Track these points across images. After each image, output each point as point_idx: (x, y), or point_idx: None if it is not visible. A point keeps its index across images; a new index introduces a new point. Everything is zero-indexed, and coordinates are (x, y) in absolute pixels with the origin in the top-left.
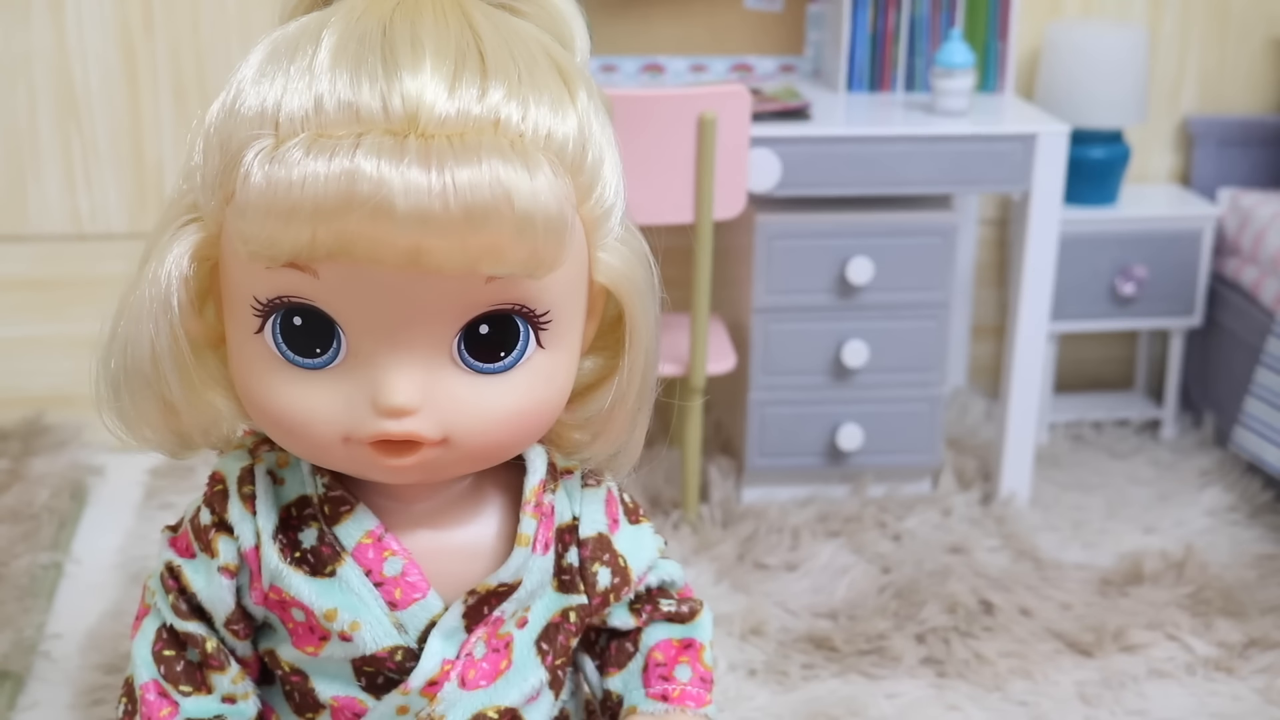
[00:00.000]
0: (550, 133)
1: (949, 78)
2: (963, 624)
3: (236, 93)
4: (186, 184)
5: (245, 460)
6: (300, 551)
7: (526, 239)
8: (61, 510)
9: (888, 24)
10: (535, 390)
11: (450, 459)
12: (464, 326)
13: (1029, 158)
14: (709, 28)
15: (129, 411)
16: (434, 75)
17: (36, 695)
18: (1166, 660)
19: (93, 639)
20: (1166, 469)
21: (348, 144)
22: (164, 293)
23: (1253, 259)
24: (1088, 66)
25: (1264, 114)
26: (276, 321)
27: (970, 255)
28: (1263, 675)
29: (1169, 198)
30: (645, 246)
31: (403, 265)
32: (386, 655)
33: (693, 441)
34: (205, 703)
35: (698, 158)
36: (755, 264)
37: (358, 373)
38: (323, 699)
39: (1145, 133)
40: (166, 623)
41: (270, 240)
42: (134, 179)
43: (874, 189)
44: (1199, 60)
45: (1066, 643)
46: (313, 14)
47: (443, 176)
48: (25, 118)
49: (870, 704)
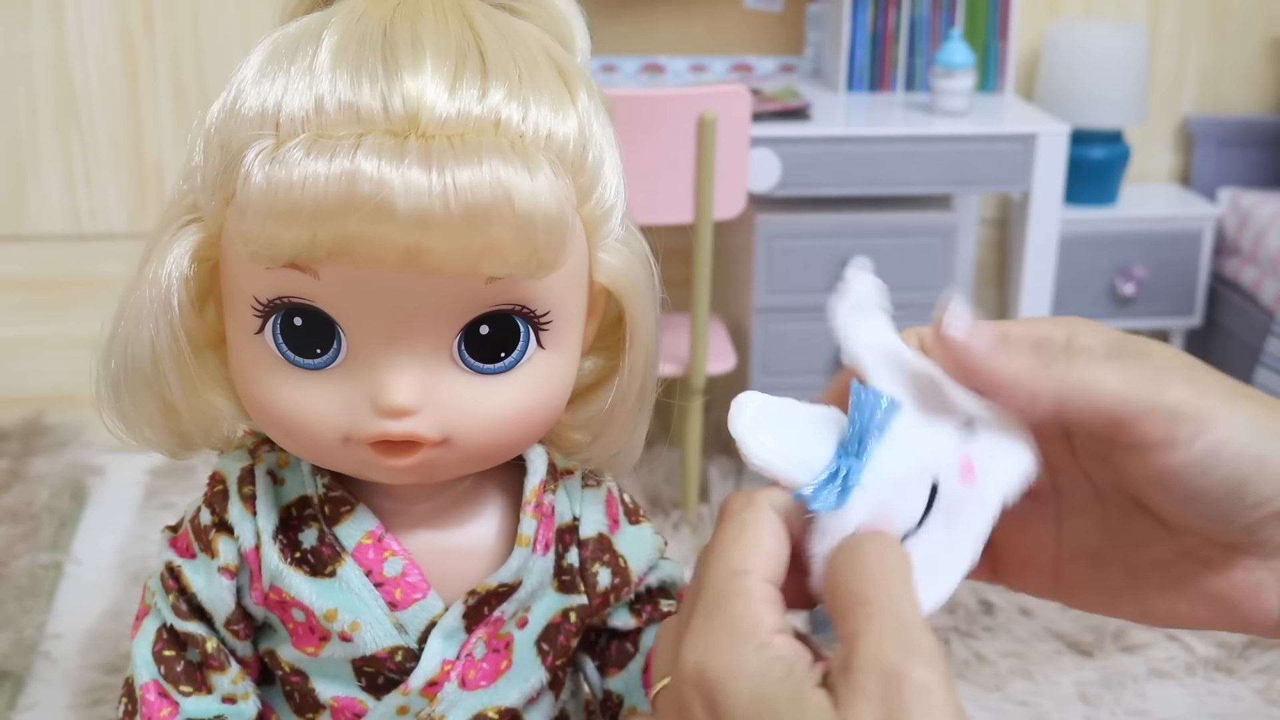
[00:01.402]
0: (551, 133)
1: (949, 78)
2: (963, 624)
3: (237, 93)
4: (187, 184)
5: (245, 460)
6: (300, 552)
7: (527, 239)
8: (61, 510)
9: (888, 24)
10: (536, 391)
11: (451, 459)
12: (464, 327)
13: (1029, 158)
14: (709, 28)
15: (129, 412)
16: (434, 76)
17: (36, 695)
18: (1166, 660)
19: (93, 639)
20: None
21: (348, 144)
22: (164, 293)
23: (1253, 259)
24: (1088, 66)
25: (1264, 114)
26: (277, 322)
27: (970, 255)
28: (1263, 675)
29: (1169, 198)
30: (646, 247)
31: (403, 266)
32: (387, 655)
33: (693, 441)
34: (205, 703)
35: (698, 158)
36: (755, 264)
37: (358, 373)
38: (323, 699)
39: (1145, 133)
40: (167, 623)
41: (271, 240)
42: (134, 179)
43: (874, 189)
44: (1199, 60)
45: (1066, 643)
46: (313, 14)
47: (443, 177)
48: (25, 118)
49: None
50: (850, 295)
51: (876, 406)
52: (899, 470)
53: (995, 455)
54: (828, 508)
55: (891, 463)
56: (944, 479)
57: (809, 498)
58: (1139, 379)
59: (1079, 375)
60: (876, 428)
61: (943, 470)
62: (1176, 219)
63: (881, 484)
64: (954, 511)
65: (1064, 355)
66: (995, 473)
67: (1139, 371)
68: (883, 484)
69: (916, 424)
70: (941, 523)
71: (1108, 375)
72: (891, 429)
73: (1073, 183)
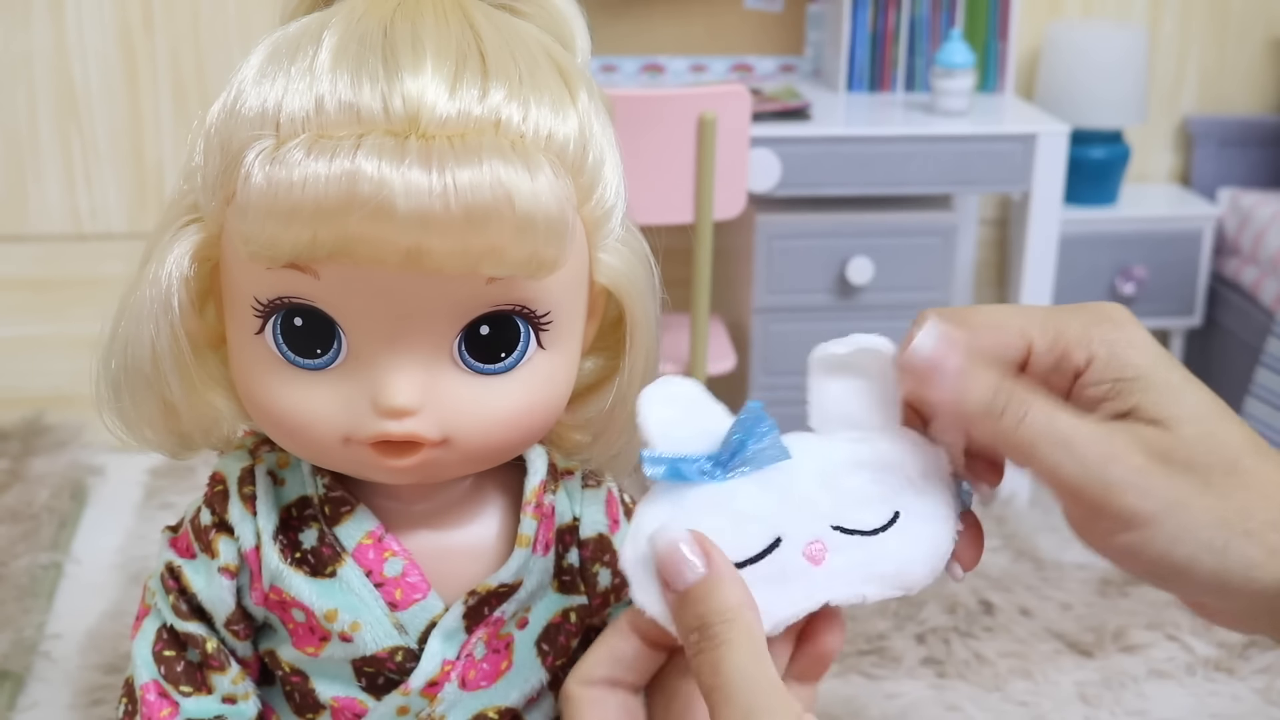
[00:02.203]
0: (551, 134)
1: (949, 78)
2: (963, 624)
3: (237, 93)
4: (187, 184)
5: (246, 460)
6: (300, 552)
7: (527, 240)
8: (61, 510)
9: (888, 24)
10: (536, 391)
11: (451, 460)
12: (464, 327)
13: (1029, 158)
14: (709, 28)
15: (129, 412)
16: (435, 76)
17: (36, 695)
18: (1166, 660)
19: (93, 639)
20: None
21: (348, 145)
22: (164, 293)
23: (1253, 259)
24: (1088, 66)
25: (1264, 114)
26: (277, 322)
27: (970, 255)
28: (1263, 675)
29: (1169, 198)
30: (646, 247)
31: (403, 266)
32: (387, 656)
33: None
34: (205, 703)
35: (698, 158)
36: (755, 264)
37: (358, 373)
38: (323, 699)
39: (1145, 133)
40: (167, 623)
41: (271, 241)
42: (134, 179)
43: (874, 189)
44: (1199, 60)
45: (1066, 643)
46: (313, 14)
47: (444, 177)
48: (25, 118)
49: (870, 704)
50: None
51: (758, 435)
52: (746, 506)
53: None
54: (656, 477)
55: (743, 496)
56: (788, 543)
57: (646, 460)
58: (1078, 462)
59: (1022, 436)
60: (751, 456)
61: (791, 536)
62: (1176, 219)
63: (720, 506)
64: (784, 575)
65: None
66: (847, 574)
67: (1086, 452)
68: (720, 507)
69: (801, 483)
70: (767, 574)
71: (1050, 449)
72: (771, 469)
73: (1073, 183)
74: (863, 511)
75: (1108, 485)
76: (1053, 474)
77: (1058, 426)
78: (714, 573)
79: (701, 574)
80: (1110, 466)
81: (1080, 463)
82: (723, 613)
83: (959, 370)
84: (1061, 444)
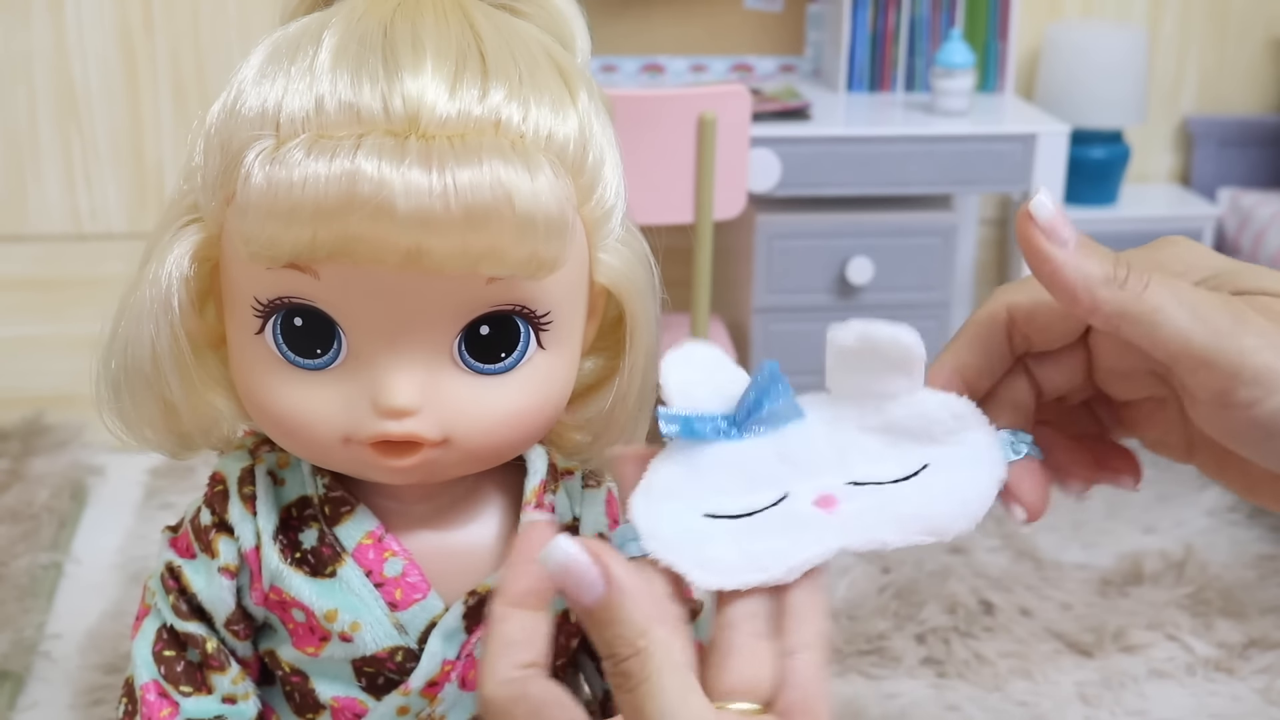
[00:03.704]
0: (551, 134)
1: (949, 78)
2: (963, 624)
3: (237, 93)
4: (187, 184)
5: (246, 460)
6: (301, 552)
7: (527, 240)
8: (61, 510)
9: (888, 24)
10: (536, 391)
11: (451, 460)
12: (464, 327)
13: (1029, 158)
14: (709, 28)
15: (129, 412)
16: (435, 76)
17: (36, 695)
18: (1166, 661)
19: (93, 639)
20: (1166, 469)
21: (348, 145)
22: (164, 293)
23: (1253, 259)
24: (1088, 67)
25: (1264, 114)
26: (277, 322)
27: (970, 255)
28: (1263, 675)
29: (1169, 198)
30: (646, 247)
31: (403, 266)
32: (387, 656)
33: None
34: (205, 703)
35: (698, 158)
36: (755, 264)
37: (358, 373)
38: (323, 699)
39: (1145, 133)
40: (167, 623)
41: (271, 241)
42: (134, 179)
43: (874, 189)
44: (1199, 60)
45: (1066, 643)
46: (314, 14)
47: (443, 177)
48: (25, 118)
49: (870, 704)
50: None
51: (773, 395)
52: (759, 465)
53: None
54: (671, 435)
55: (757, 455)
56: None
57: (663, 418)
58: (1209, 327)
59: (1147, 302)
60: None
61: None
62: (1176, 219)
63: (733, 464)
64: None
65: (1142, 275)
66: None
67: (1215, 317)
68: (734, 465)
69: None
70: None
71: (1178, 313)
72: (787, 428)
73: (1073, 183)
74: (879, 466)
75: (1243, 349)
76: (1182, 343)
77: (1183, 293)
78: (613, 589)
79: (600, 593)
80: (1242, 329)
81: (1212, 329)
82: (631, 642)
83: (1077, 240)
84: (1189, 309)
